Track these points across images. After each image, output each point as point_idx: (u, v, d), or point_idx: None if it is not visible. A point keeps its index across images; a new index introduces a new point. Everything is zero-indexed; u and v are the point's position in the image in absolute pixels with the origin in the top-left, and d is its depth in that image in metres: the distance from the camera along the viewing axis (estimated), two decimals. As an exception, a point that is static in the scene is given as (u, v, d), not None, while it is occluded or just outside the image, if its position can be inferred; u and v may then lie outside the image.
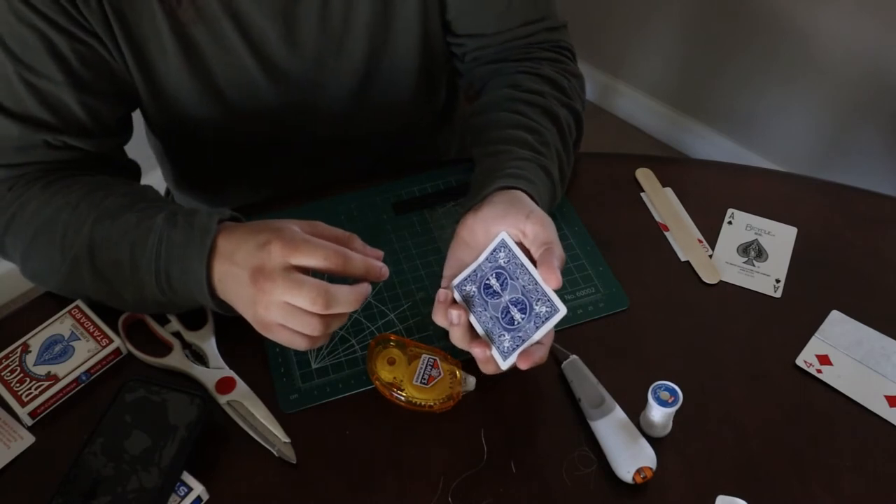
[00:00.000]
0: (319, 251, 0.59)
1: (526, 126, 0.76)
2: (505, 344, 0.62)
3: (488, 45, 0.85)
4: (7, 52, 0.68)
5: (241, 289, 0.61)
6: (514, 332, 0.62)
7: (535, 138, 0.75)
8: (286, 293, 0.59)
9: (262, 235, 0.61)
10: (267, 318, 0.61)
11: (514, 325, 0.62)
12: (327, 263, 0.59)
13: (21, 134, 0.70)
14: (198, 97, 0.78)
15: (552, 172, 0.73)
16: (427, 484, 0.63)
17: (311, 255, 0.59)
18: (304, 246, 0.59)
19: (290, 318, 0.60)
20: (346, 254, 0.60)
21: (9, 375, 0.68)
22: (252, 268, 0.60)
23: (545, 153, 0.74)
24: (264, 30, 0.75)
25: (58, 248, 0.68)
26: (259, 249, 0.60)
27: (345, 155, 0.91)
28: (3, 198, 0.71)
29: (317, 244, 0.60)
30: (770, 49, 1.79)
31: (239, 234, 0.63)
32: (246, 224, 0.65)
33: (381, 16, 0.79)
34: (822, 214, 0.83)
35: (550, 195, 0.73)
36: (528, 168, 0.71)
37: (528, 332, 0.61)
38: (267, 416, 0.66)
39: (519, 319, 0.62)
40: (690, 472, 0.64)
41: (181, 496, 0.61)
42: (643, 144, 2.14)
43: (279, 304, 0.59)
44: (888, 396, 0.68)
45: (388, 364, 0.67)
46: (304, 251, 0.59)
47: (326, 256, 0.59)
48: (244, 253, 0.61)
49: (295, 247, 0.59)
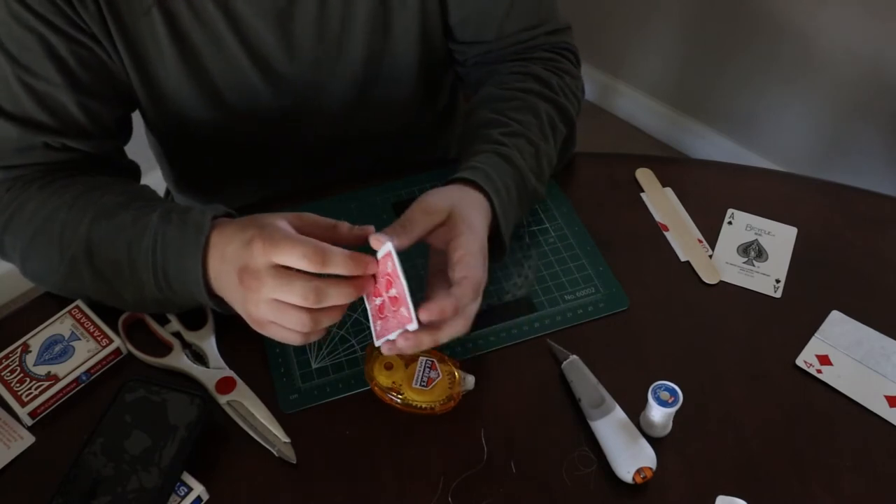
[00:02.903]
0: (298, 249, 0.57)
1: (495, 122, 0.75)
2: (376, 328, 0.62)
3: (489, 51, 0.85)
4: (5, 54, 0.68)
5: (233, 287, 0.61)
6: (383, 322, 0.61)
7: (498, 131, 0.74)
8: (275, 290, 0.58)
9: (247, 232, 0.59)
10: (257, 316, 0.60)
11: (382, 314, 0.61)
12: (306, 262, 0.57)
13: (20, 136, 0.70)
14: (196, 99, 0.78)
15: (513, 158, 0.72)
16: (427, 484, 0.63)
17: (290, 254, 0.57)
18: (283, 244, 0.57)
19: (279, 315, 0.59)
20: (326, 252, 0.57)
21: (9, 375, 0.68)
22: (239, 266, 0.59)
23: (505, 142, 0.73)
24: (260, 31, 0.75)
25: (56, 248, 0.68)
26: (244, 248, 0.59)
27: (344, 155, 0.91)
28: (1, 199, 0.71)
29: (296, 242, 0.57)
30: (770, 49, 1.79)
31: (229, 230, 0.62)
32: (236, 220, 0.64)
33: (380, 19, 0.78)
34: (822, 214, 0.83)
35: (516, 182, 0.72)
36: (483, 159, 0.71)
37: (389, 327, 0.61)
38: (267, 416, 0.66)
39: (388, 314, 0.61)
40: (690, 472, 0.64)
41: (181, 496, 0.61)
42: (643, 144, 2.14)
43: (268, 302, 0.59)
44: (888, 396, 0.68)
45: (385, 369, 0.66)
46: (284, 250, 0.57)
47: (305, 254, 0.57)
48: (232, 251, 0.60)
49: (275, 245, 0.57)
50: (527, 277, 0.77)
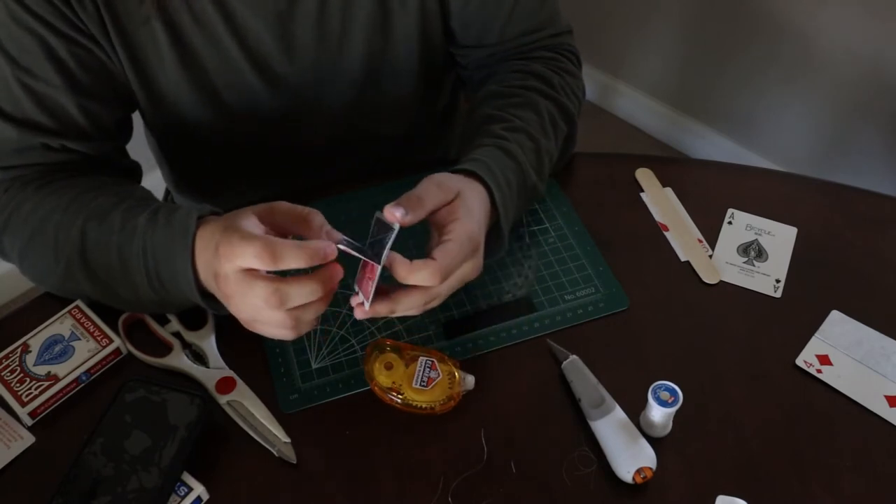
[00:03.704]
0: (248, 250, 0.56)
1: (497, 118, 0.76)
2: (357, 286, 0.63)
3: (491, 54, 0.85)
4: (4, 56, 0.68)
5: (216, 291, 0.62)
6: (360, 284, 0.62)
7: (500, 126, 0.74)
8: (244, 297, 0.58)
9: (215, 237, 0.59)
10: (242, 317, 0.61)
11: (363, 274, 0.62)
12: (258, 262, 0.56)
13: (19, 137, 0.70)
14: (195, 101, 0.78)
15: (514, 153, 0.72)
16: (427, 484, 0.63)
17: (244, 257, 0.56)
18: (238, 247, 0.56)
19: (259, 316, 0.59)
20: (276, 249, 0.56)
21: (9, 375, 0.68)
22: (213, 273, 0.60)
23: (507, 136, 0.73)
24: (259, 33, 0.75)
25: (51, 250, 0.68)
26: (214, 254, 0.59)
27: (344, 156, 0.91)
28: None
29: (247, 243, 0.56)
30: (770, 49, 1.79)
31: (208, 232, 0.61)
32: (213, 222, 0.62)
33: (380, 20, 0.78)
34: (822, 214, 0.83)
35: (516, 177, 0.72)
36: (485, 153, 0.71)
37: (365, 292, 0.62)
38: (267, 416, 0.66)
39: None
40: (690, 472, 0.64)
41: (181, 496, 0.61)
42: (643, 144, 2.14)
43: (246, 304, 0.59)
44: (888, 396, 0.68)
45: (385, 369, 0.66)
46: (239, 253, 0.56)
47: (255, 254, 0.55)
48: (206, 258, 0.61)
49: (233, 249, 0.57)
50: (527, 277, 0.77)
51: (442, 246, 0.62)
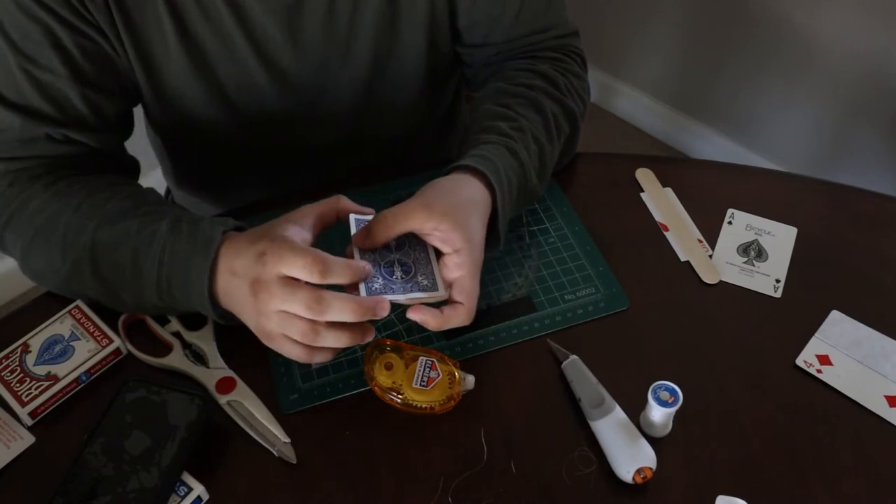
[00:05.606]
0: (300, 260, 0.59)
1: (503, 115, 0.76)
2: (375, 285, 0.63)
3: (497, 53, 0.85)
4: (8, 43, 0.67)
5: (244, 300, 0.62)
6: (388, 283, 0.63)
7: (507, 125, 0.75)
8: (282, 302, 0.59)
9: (259, 245, 0.61)
10: (268, 328, 0.62)
11: (391, 276, 0.63)
12: (307, 272, 0.58)
13: (22, 126, 0.70)
14: (200, 96, 0.78)
15: (519, 154, 0.72)
16: (427, 484, 0.63)
17: (293, 265, 0.59)
18: (289, 255, 0.59)
19: (286, 326, 0.60)
20: (327, 262, 0.59)
21: (9, 375, 0.68)
22: (251, 279, 0.60)
23: (514, 136, 0.74)
24: (268, 29, 0.75)
25: (58, 250, 0.68)
26: (256, 260, 0.60)
27: (348, 156, 0.91)
28: (3, 194, 0.71)
29: (299, 254, 0.59)
30: (770, 49, 1.79)
31: (239, 244, 0.63)
32: (247, 233, 0.64)
33: (388, 20, 0.78)
34: (822, 214, 0.83)
35: (518, 178, 0.72)
36: (493, 150, 0.71)
37: (400, 288, 0.63)
38: (267, 416, 0.66)
39: (399, 276, 0.63)
40: (690, 472, 0.64)
41: (181, 496, 0.61)
42: (643, 144, 2.14)
43: (277, 314, 0.60)
44: (888, 396, 0.68)
45: (385, 369, 0.66)
46: (289, 261, 0.59)
47: (306, 265, 0.58)
48: (243, 264, 0.61)
49: (282, 257, 0.59)
50: (527, 277, 0.77)
51: (459, 286, 0.64)
